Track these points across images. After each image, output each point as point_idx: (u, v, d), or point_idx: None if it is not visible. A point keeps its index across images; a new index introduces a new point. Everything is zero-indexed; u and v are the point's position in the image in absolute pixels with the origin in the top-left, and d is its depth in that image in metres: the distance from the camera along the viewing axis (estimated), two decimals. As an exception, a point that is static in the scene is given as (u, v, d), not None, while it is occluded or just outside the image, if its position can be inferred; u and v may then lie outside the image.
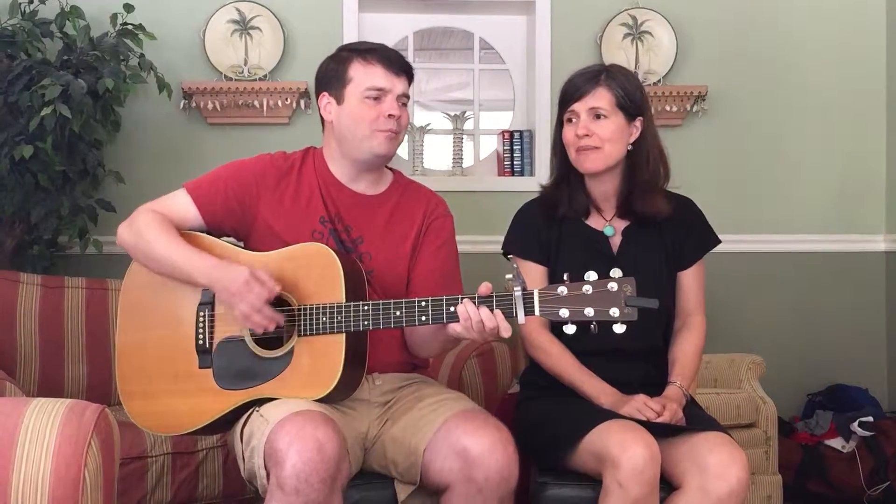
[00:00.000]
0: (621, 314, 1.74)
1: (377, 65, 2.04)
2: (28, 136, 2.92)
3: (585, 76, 2.17)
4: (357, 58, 2.06)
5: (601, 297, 1.75)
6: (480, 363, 2.88)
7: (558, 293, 1.77)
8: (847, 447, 3.40)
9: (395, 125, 2.04)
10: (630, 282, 1.75)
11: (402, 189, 2.17)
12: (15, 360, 2.83)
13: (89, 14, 3.23)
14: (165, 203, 2.07)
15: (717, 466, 1.90)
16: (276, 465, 1.74)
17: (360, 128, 2.04)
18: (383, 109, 2.03)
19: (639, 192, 2.18)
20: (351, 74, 2.05)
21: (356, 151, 2.07)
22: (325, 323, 1.89)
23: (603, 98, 2.13)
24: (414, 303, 1.86)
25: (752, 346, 3.54)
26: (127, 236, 2.04)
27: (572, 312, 1.76)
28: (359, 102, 2.04)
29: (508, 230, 2.28)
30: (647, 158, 2.18)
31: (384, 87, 2.03)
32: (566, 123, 2.19)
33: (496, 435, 1.85)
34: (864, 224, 3.83)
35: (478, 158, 3.89)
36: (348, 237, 2.07)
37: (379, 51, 2.07)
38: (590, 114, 2.14)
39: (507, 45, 3.83)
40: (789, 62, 3.78)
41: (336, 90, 2.08)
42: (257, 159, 2.12)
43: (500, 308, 1.80)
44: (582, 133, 2.13)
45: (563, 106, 2.20)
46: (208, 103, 3.48)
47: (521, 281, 1.78)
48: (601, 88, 2.14)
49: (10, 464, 1.45)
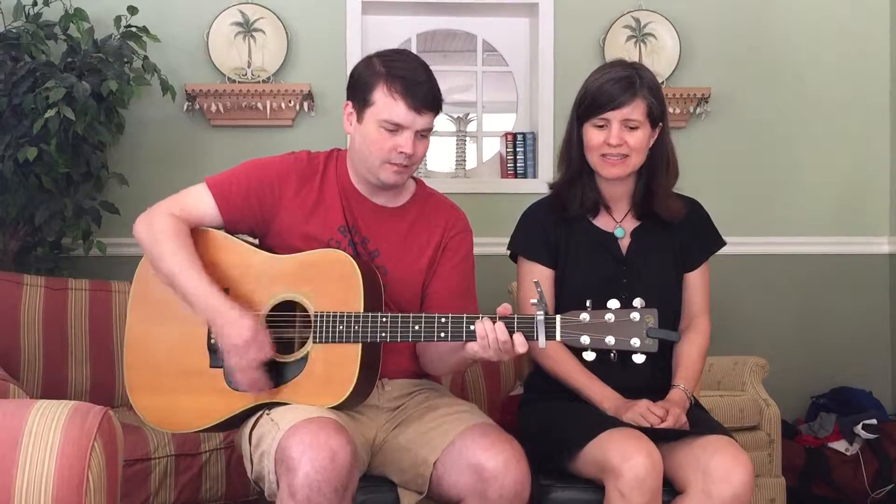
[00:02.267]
0: (642, 345, 1.74)
1: (399, 100, 1.94)
2: (32, 138, 2.93)
3: (621, 84, 2.09)
4: (383, 83, 1.95)
5: (623, 326, 1.75)
6: (484, 366, 2.88)
7: (580, 320, 1.77)
8: (851, 450, 3.39)
9: (405, 160, 1.97)
10: (653, 313, 1.75)
11: (423, 202, 2.13)
12: (18, 362, 2.83)
13: (93, 16, 3.23)
14: (185, 202, 2.03)
15: (721, 470, 1.89)
16: (288, 473, 1.72)
17: (371, 154, 1.98)
18: (397, 143, 1.96)
19: (659, 194, 2.16)
20: (374, 98, 1.97)
21: (366, 173, 2.03)
22: (341, 332, 1.88)
23: (638, 109, 2.09)
24: (434, 318, 1.84)
25: (755, 348, 3.53)
26: (143, 235, 2.00)
27: (593, 340, 1.76)
28: (375, 129, 1.96)
29: (515, 231, 2.26)
30: (667, 161, 2.16)
31: (402, 124, 1.95)
32: (593, 127, 2.11)
33: (510, 452, 1.84)
34: (867, 226, 3.82)
35: (481, 160, 3.89)
36: (364, 250, 2.04)
37: (406, 81, 1.95)
38: (623, 124, 2.09)
39: (510, 47, 3.83)
40: (792, 64, 3.77)
41: (359, 105, 2.01)
42: (281, 159, 2.08)
43: (521, 330, 1.79)
44: (616, 143, 2.08)
45: (592, 109, 2.11)
46: (212, 105, 3.48)
47: (543, 304, 1.78)
48: (638, 100, 2.09)
49: (13, 466, 1.45)
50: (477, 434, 1.88)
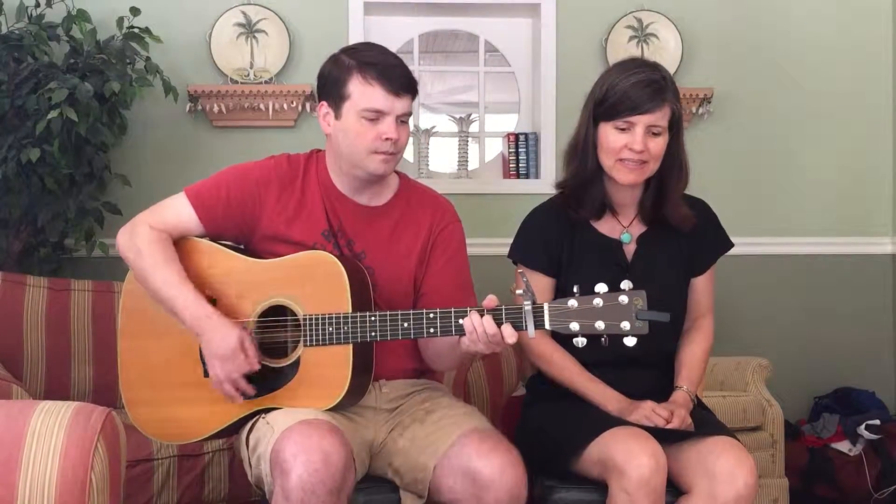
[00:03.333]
0: (632, 328, 1.73)
1: (376, 85, 1.93)
2: (35, 139, 2.93)
3: (651, 89, 2.02)
4: (357, 73, 1.95)
5: (612, 310, 1.74)
6: (486, 366, 2.88)
7: (568, 306, 1.76)
8: (854, 450, 3.38)
9: (391, 147, 1.96)
10: (641, 295, 1.73)
11: (407, 197, 2.10)
12: (21, 363, 2.84)
13: (96, 17, 3.23)
14: (165, 213, 2.01)
15: (725, 471, 1.88)
16: (282, 475, 1.72)
17: (356, 147, 1.96)
18: (381, 131, 1.94)
19: (671, 200, 2.12)
20: (350, 90, 1.95)
21: (353, 169, 2.01)
22: (331, 333, 1.87)
23: (665, 116, 2.04)
24: (422, 314, 1.84)
25: (758, 348, 3.53)
26: (126, 249, 1.99)
27: (582, 326, 1.75)
28: (356, 121, 1.95)
29: (516, 237, 2.22)
30: (679, 166, 2.12)
31: (382, 110, 1.94)
32: (615, 129, 2.04)
33: (507, 457, 1.83)
34: (870, 226, 3.81)
35: (483, 161, 3.89)
36: (351, 251, 2.03)
37: (379, 67, 1.95)
38: (648, 130, 2.03)
39: (512, 47, 3.83)
40: (795, 64, 3.77)
41: (335, 103, 1.99)
42: (261, 165, 2.06)
43: (509, 321, 1.78)
44: (639, 149, 2.02)
45: (617, 111, 2.03)
46: (214, 106, 3.48)
47: (530, 294, 1.77)
48: (666, 106, 2.03)
49: (16, 467, 1.45)
50: (473, 439, 1.87)
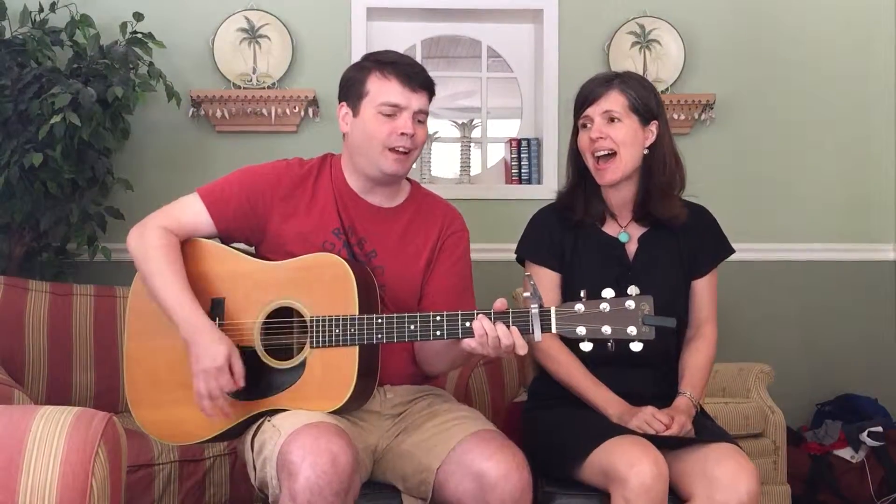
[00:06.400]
0: (639, 333, 1.73)
1: (394, 80, 1.99)
2: (38, 143, 2.93)
3: (598, 81, 2.18)
4: (376, 70, 2.01)
5: (618, 315, 1.74)
6: (488, 372, 2.88)
7: (575, 311, 1.76)
8: (856, 457, 3.38)
9: (408, 143, 1.99)
10: (647, 300, 1.73)
11: (419, 202, 2.14)
12: (23, 368, 2.84)
13: (99, 23, 3.24)
14: (177, 213, 2.03)
15: (726, 478, 1.88)
16: (290, 478, 1.72)
17: (372, 143, 2.00)
18: (397, 126, 1.98)
19: (655, 196, 2.17)
20: (368, 87, 2.01)
21: (367, 167, 2.04)
22: (338, 335, 1.88)
23: (616, 101, 2.14)
24: (429, 317, 1.84)
25: (760, 355, 3.52)
26: (135, 248, 2.01)
27: (589, 330, 1.75)
28: (373, 117, 2.00)
29: (523, 235, 2.27)
30: (664, 162, 2.17)
31: (399, 104, 1.99)
32: (581, 129, 2.19)
33: (512, 460, 1.84)
34: (873, 233, 3.81)
35: (485, 166, 3.89)
36: (361, 251, 2.05)
37: (398, 64, 2.01)
38: (604, 117, 2.14)
39: (514, 53, 3.84)
40: (798, 70, 3.77)
41: (353, 101, 2.04)
42: (272, 166, 2.09)
43: (516, 324, 1.78)
44: (596, 136, 2.13)
45: (577, 112, 2.20)
46: (217, 111, 3.49)
47: (537, 297, 1.77)
48: (614, 92, 2.14)
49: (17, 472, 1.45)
50: (479, 441, 1.87)
